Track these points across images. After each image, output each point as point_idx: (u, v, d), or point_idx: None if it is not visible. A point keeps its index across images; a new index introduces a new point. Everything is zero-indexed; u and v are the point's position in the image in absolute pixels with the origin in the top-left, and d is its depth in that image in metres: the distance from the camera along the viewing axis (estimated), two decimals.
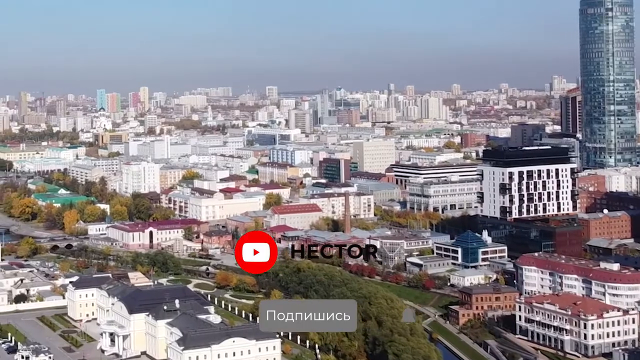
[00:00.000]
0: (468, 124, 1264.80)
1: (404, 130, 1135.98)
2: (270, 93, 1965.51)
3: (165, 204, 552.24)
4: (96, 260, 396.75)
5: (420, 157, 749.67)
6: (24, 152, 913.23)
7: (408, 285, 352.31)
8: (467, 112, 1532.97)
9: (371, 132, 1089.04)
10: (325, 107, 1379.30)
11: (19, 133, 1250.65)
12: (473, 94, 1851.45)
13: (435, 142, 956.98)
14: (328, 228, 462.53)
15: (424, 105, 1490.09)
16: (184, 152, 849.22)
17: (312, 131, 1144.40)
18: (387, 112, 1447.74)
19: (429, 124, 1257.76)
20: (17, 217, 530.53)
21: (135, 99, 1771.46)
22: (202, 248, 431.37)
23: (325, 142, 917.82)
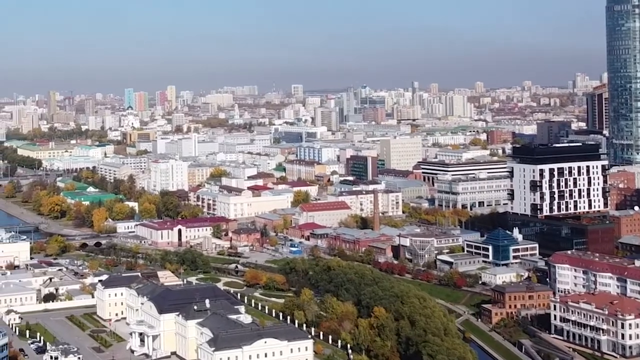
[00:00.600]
0: (493, 121, 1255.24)
1: (430, 128, 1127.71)
2: (295, 91, 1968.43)
3: (194, 202, 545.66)
4: (125, 259, 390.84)
5: (447, 154, 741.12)
6: (53, 150, 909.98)
7: (439, 284, 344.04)
8: (491, 109, 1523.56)
9: (397, 129, 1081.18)
10: (351, 105, 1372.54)
11: (48, 132, 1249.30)
12: (497, 91, 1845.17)
13: (460, 139, 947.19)
14: (357, 225, 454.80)
15: (448, 102, 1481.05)
16: (212, 150, 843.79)
17: (338, 129, 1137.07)
18: (412, 109, 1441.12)
19: (454, 122, 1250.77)
20: (46, 215, 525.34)
21: (162, 98, 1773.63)
22: (231, 246, 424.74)
23: (351, 140, 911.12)
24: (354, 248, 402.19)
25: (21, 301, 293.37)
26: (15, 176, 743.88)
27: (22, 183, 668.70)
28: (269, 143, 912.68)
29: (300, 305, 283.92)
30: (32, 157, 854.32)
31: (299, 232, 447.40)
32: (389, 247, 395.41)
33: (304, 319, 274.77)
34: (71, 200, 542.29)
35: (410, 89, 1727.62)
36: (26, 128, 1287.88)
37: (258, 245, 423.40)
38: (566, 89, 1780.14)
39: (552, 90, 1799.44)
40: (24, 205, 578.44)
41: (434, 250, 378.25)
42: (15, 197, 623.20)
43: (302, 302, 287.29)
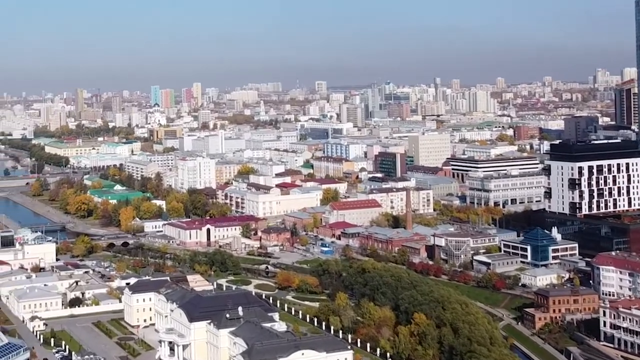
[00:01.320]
0: (517, 116, 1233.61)
1: (455, 124, 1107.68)
2: (319, 88, 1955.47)
3: (222, 200, 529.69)
4: (153, 259, 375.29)
5: (475, 151, 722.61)
6: (80, 148, 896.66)
7: (477, 286, 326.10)
8: (514, 105, 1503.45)
9: (422, 125, 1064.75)
10: (376, 101, 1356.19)
11: (76, 129, 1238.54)
12: (518, 87, 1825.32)
13: (487, 134, 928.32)
14: (388, 224, 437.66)
15: (472, 98, 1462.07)
16: (238, 147, 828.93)
17: (364, 125, 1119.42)
18: (436, 105, 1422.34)
19: (479, 117, 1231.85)
20: (73, 213, 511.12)
21: (188, 95, 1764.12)
22: (261, 245, 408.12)
23: (377, 136, 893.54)
24: (387, 248, 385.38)
25: (46, 306, 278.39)
26: (43, 174, 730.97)
27: (49, 181, 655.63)
28: (296, 140, 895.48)
29: (336, 310, 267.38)
30: (60, 155, 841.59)
31: (329, 231, 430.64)
32: (423, 247, 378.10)
33: (340, 325, 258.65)
34: (98, 198, 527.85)
35: (433, 84, 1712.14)
36: (54, 125, 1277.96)
37: (288, 245, 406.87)
38: (586, 84, 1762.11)
39: (572, 85, 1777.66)
40: (51, 204, 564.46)
41: (469, 250, 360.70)
42: (42, 195, 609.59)
43: (337, 307, 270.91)
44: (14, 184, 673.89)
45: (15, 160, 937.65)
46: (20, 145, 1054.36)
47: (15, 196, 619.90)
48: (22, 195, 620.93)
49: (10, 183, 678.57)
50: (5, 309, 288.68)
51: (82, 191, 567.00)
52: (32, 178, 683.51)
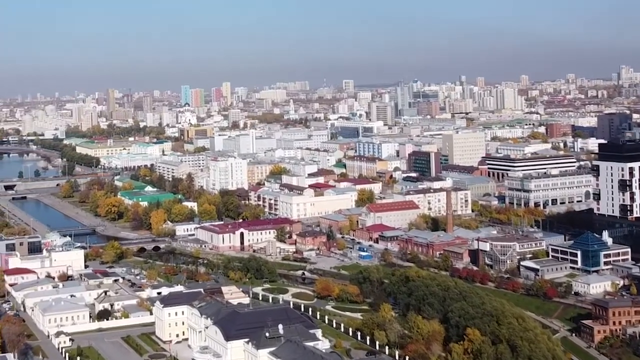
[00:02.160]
0: (545, 113, 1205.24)
1: (485, 121, 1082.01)
2: (346, 86, 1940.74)
3: (254, 201, 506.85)
4: (185, 266, 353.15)
5: (509, 149, 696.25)
6: (111, 148, 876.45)
7: (526, 294, 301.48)
8: (541, 102, 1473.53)
9: (452, 123, 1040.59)
10: (405, 99, 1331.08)
11: (107, 129, 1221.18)
12: (542, 84, 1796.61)
13: (518, 132, 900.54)
14: (427, 227, 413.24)
15: (499, 95, 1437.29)
16: (269, 146, 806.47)
17: (394, 123, 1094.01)
18: (464, 103, 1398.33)
19: (508, 114, 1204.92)
20: (103, 216, 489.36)
21: (218, 94, 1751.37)
22: (296, 250, 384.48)
23: (409, 134, 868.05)
24: (428, 252, 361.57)
25: (73, 320, 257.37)
26: (73, 175, 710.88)
27: (80, 182, 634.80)
28: (327, 138, 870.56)
29: (381, 323, 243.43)
30: (90, 155, 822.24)
31: (367, 234, 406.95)
32: (465, 252, 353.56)
33: (386, 340, 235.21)
34: (129, 200, 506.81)
35: (458, 82, 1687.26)
36: (85, 125, 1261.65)
37: (325, 249, 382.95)
38: (610, 81, 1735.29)
39: (596, 82, 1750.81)
40: (81, 206, 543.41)
41: (516, 255, 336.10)
42: (73, 196, 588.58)
43: (382, 319, 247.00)
44: (44, 185, 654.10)
45: (46, 161, 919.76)
46: (52, 146, 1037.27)
47: (45, 198, 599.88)
48: (52, 197, 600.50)
49: (41, 184, 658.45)
50: (30, 322, 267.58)
51: (112, 193, 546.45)
52: (62, 179, 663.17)
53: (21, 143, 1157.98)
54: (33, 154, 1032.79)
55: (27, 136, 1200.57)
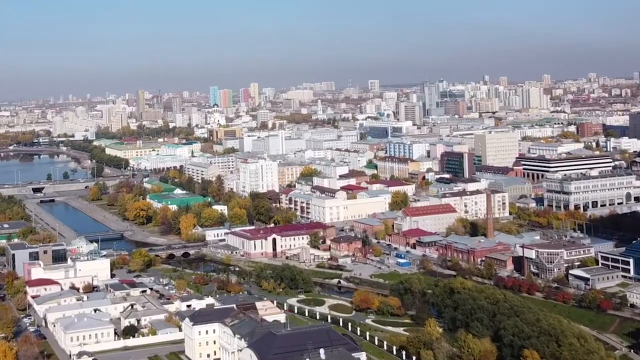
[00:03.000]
0: (571, 112, 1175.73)
1: (513, 120, 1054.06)
2: (372, 86, 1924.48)
3: (286, 204, 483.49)
4: (215, 274, 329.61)
5: (542, 149, 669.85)
6: (140, 150, 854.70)
7: (578, 306, 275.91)
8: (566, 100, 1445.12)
9: (480, 122, 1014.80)
10: (433, 98, 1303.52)
11: (137, 129, 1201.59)
12: (565, 83, 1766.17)
13: (548, 131, 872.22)
14: (465, 231, 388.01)
15: (524, 95, 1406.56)
16: (299, 147, 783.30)
17: (422, 123, 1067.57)
18: (490, 102, 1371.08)
19: (535, 113, 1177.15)
20: (132, 220, 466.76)
21: (246, 95, 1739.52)
22: (331, 257, 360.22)
23: (438, 134, 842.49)
24: (469, 259, 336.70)
25: (96, 337, 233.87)
26: (102, 176, 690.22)
27: (109, 184, 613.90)
28: (356, 139, 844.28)
29: (428, 342, 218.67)
30: (120, 157, 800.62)
31: (403, 240, 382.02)
32: (509, 259, 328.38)
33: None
34: (158, 204, 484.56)
35: (482, 81, 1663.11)
36: (115, 126, 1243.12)
37: (360, 256, 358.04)
38: (632, 79, 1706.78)
39: (619, 81, 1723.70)
40: (109, 209, 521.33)
41: (563, 263, 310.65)
42: (101, 199, 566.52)
43: (428, 337, 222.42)
44: (72, 188, 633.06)
45: (76, 162, 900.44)
46: (82, 147, 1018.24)
47: (73, 201, 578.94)
48: (80, 199, 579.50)
49: (69, 187, 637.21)
50: (51, 339, 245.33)
51: (141, 195, 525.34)
52: (91, 181, 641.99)
53: (51, 144, 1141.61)
54: (63, 155, 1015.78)
55: (58, 137, 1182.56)
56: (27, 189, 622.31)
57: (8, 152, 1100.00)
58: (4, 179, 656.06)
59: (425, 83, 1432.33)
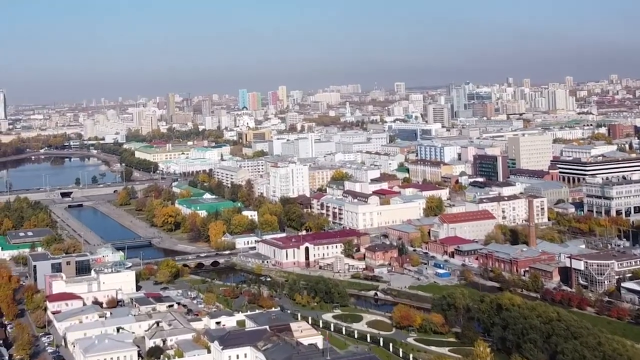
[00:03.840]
0: (598, 114, 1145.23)
1: (542, 122, 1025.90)
2: (398, 89, 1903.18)
3: (317, 210, 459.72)
4: (246, 286, 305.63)
5: (575, 151, 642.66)
6: (169, 153, 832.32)
7: (634, 322, 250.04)
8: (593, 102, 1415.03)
9: (509, 124, 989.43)
10: (461, 101, 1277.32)
11: (167, 132, 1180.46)
12: (587, 84, 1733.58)
13: (578, 133, 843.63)
14: (505, 239, 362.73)
15: (550, 96, 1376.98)
16: (328, 149, 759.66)
17: (451, 125, 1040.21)
18: (516, 104, 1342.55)
19: (563, 115, 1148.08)
20: (160, 226, 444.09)
21: (274, 97, 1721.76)
22: (367, 267, 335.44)
23: (468, 136, 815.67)
24: (512, 269, 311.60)
25: None
26: (131, 180, 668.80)
27: (137, 189, 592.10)
28: (385, 141, 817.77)
29: None
30: (149, 160, 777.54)
31: (440, 248, 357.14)
32: (555, 270, 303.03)
33: None
34: (187, 209, 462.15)
35: (506, 83, 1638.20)
36: (145, 129, 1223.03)
37: (397, 266, 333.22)
38: None
39: None
40: (137, 214, 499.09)
41: (614, 275, 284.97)
42: (129, 204, 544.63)
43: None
44: (101, 192, 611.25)
45: (106, 165, 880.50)
46: (112, 150, 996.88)
47: (102, 205, 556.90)
48: (108, 204, 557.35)
49: (98, 191, 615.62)
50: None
51: (169, 200, 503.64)
52: (119, 185, 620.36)
53: (82, 147, 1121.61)
54: (94, 159, 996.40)
55: (88, 140, 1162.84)
56: (56, 193, 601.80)
57: (39, 155, 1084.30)
58: (33, 183, 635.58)
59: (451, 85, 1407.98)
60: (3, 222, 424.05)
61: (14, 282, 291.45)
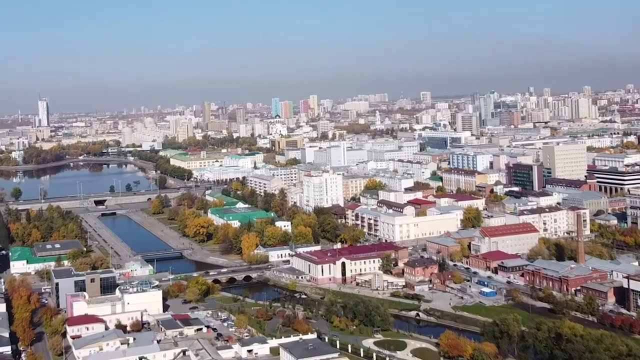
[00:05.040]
0: (621, 122, 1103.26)
1: (569, 130, 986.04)
2: (424, 97, 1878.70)
3: (352, 220, 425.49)
4: (280, 306, 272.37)
5: (607, 159, 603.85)
6: (203, 160, 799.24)
7: None
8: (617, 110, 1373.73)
9: (536, 132, 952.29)
10: (488, 109, 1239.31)
11: (202, 140, 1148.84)
12: (606, 93, 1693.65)
13: (607, 141, 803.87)
14: (550, 254, 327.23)
15: (573, 105, 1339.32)
16: (360, 157, 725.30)
17: (480, 133, 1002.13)
18: (541, 112, 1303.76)
19: (588, 123, 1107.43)
20: (192, 237, 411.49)
21: (305, 106, 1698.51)
22: (406, 283, 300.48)
23: (498, 145, 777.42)
24: (562, 288, 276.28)
25: None
26: (165, 187, 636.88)
27: (171, 197, 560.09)
28: (416, 149, 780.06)
29: None
30: (183, 168, 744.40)
31: (483, 263, 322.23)
32: (610, 290, 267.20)
33: None
34: (219, 219, 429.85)
35: (527, 93, 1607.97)
36: (181, 137, 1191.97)
37: (438, 283, 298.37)
38: None
39: None
40: (170, 224, 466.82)
41: None
42: (162, 212, 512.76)
43: None
44: (135, 200, 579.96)
45: (142, 171, 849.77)
46: (148, 157, 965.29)
47: (135, 214, 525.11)
48: (141, 212, 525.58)
49: (131, 199, 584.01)
50: None
51: (202, 209, 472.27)
52: (153, 193, 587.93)
53: (119, 154, 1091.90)
54: (131, 165, 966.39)
55: (126, 147, 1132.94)
56: (89, 201, 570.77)
57: (78, 162, 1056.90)
58: (69, 190, 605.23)
59: (476, 94, 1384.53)
60: (31, 233, 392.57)
61: (33, 301, 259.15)
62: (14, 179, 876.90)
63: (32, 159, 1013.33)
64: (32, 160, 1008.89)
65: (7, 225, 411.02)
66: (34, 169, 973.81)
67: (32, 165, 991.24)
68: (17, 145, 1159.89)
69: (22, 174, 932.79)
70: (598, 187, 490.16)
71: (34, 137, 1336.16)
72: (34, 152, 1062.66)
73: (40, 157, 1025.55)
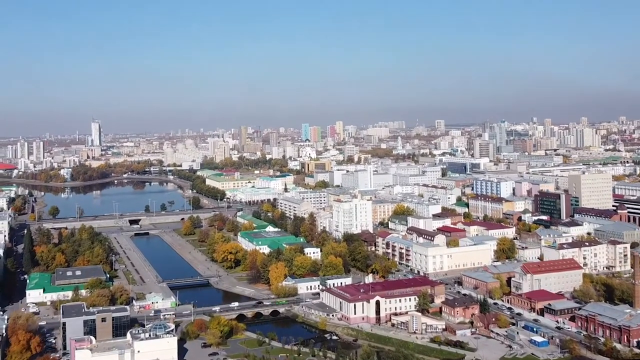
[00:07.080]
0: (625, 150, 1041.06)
1: (579, 158, 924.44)
2: (438, 125, 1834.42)
3: (382, 248, 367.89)
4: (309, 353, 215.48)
5: (626, 188, 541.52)
6: (237, 181, 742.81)
7: None
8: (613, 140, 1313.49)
9: (550, 160, 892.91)
10: (503, 137, 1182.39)
11: (237, 160, 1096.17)
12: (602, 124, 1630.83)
13: (620, 170, 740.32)
14: (598, 294, 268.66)
15: (578, 134, 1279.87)
16: (385, 181, 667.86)
17: (497, 159, 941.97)
18: (549, 141, 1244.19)
19: (596, 152, 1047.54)
20: (220, 262, 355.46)
21: (332, 131, 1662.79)
22: (447, 327, 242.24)
23: (517, 171, 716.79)
24: (621, 338, 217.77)
25: None
26: (200, 207, 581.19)
27: (203, 217, 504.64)
28: (439, 174, 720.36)
29: None
30: (217, 188, 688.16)
31: (527, 303, 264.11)
32: None
33: None
34: (248, 243, 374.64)
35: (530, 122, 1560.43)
36: (219, 157, 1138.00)
37: (482, 327, 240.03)
38: None
39: None
40: (200, 246, 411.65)
41: None
42: (194, 234, 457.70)
43: None
44: (169, 220, 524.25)
45: (181, 189, 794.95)
46: (187, 176, 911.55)
47: (167, 234, 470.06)
48: (173, 233, 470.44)
49: (166, 219, 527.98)
50: None
51: (232, 231, 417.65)
52: (187, 213, 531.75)
53: (161, 173, 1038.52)
54: (171, 184, 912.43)
55: (167, 167, 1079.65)
56: (124, 220, 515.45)
57: (122, 179, 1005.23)
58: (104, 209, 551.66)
59: (487, 123, 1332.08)
60: (56, 257, 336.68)
61: (34, 346, 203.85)
62: (62, 195, 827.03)
63: (79, 176, 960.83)
64: (79, 177, 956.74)
65: (33, 248, 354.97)
66: (81, 185, 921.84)
67: (79, 182, 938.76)
68: (68, 163, 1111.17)
69: (69, 190, 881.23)
70: (627, 218, 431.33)
71: (85, 155, 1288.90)
72: (81, 170, 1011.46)
73: (87, 175, 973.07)
